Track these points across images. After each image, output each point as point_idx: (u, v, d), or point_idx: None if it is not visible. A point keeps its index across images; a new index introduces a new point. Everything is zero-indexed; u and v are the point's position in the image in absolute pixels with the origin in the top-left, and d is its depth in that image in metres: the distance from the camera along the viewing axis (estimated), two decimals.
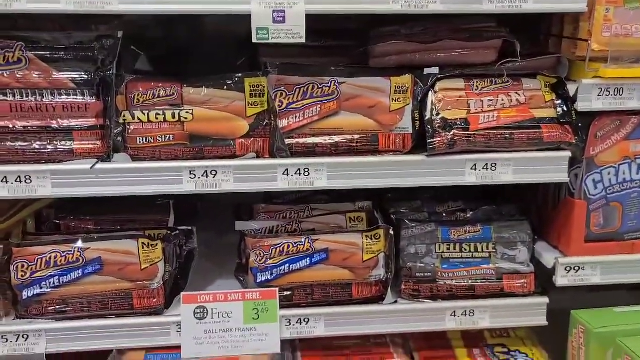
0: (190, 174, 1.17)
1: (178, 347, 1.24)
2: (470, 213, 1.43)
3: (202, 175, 1.17)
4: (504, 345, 1.42)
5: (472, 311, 1.31)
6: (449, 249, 1.33)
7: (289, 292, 1.28)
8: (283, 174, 1.18)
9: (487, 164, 1.21)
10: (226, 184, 1.17)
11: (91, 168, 1.14)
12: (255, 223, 1.38)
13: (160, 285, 1.26)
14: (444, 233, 1.33)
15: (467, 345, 1.41)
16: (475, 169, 1.21)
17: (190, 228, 1.32)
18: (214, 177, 1.17)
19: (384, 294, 1.30)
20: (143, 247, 1.23)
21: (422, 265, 1.33)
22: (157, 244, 1.24)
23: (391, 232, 1.28)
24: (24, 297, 1.21)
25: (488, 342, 1.43)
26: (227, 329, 1.25)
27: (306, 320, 1.28)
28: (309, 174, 1.18)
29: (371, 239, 1.29)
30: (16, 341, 1.21)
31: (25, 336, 1.21)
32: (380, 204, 1.46)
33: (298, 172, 1.18)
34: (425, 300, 1.31)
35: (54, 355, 1.22)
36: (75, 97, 1.16)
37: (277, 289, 1.26)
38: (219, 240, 1.59)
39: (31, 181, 1.12)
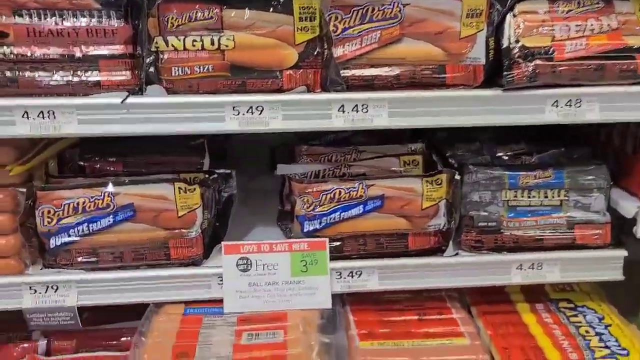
0: (234, 110, 1.03)
1: (220, 301, 1.13)
2: (537, 156, 1.29)
3: (247, 112, 1.03)
4: (569, 300, 1.30)
5: (540, 264, 1.19)
6: (516, 196, 1.20)
7: (339, 243, 1.16)
8: (338, 110, 1.03)
9: (570, 100, 1.06)
10: (274, 121, 1.03)
11: (122, 102, 1.00)
12: (299, 166, 1.25)
13: (198, 234, 1.14)
14: (511, 178, 1.19)
15: (528, 300, 1.30)
16: (557, 106, 1.06)
17: (229, 171, 1.19)
18: (260, 114, 1.03)
19: (444, 246, 1.18)
20: (180, 192, 1.11)
21: (485, 213, 1.20)
22: (194, 189, 1.12)
23: (457, 177, 1.14)
24: (51, 246, 1.10)
25: (551, 296, 1.31)
26: (273, 282, 1.14)
27: (358, 273, 1.16)
28: (367, 110, 1.04)
29: (432, 184, 1.15)
30: (45, 292, 1.11)
31: (55, 287, 1.11)
32: (433, 146, 1.33)
33: (355, 109, 1.04)
34: (489, 252, 1.19)
35: (87, 308, 1.12)
36: (100, 19, 1.01)
37: (327, 239, 1.14)
38: (253, 184, 1.47)
39: (55, 117, 0.99)
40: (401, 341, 1.13)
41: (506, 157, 1.29)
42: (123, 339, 1.20)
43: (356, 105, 1.03)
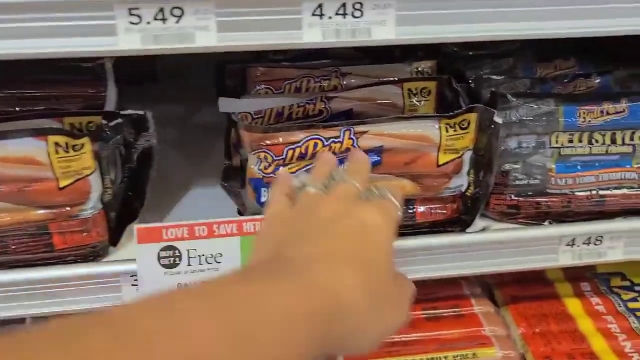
0: (131, 14, 0.59)
1: None
2: (598, 79, 0.90)
3: (157, 19, 0.59)
4: (623, 276, 0.97)
5: (599, 237, 0.84)
6: (571, 140, 0.82)
7: None
8: (314, 14, 0.61)
9: None
10: (203, 35, 0.60)
11: None
12: (252, 101, 0.83)
13: (96, 212, 0.74)
14: (567, 115, 0.80)
15: (568, 277, 0.96)
16: None
17: (141, 113, 0.76)
18: (177, 22, 0.60)
19: (466, 217, 0.81)
20: (57, 151, 0.69)
21: (525, 167, 0.82)
22: (83, 144, 0.70)
23: (496, 118, 0.75)
24: None
25: (597, 270, 0.98)
26: None
27: None
28: (361, 14, 0.61)
29: (454, 129, 0.76)
30: None
31: None
32: (445, 65, 0.92)
33: (342, 11, 0.61)
34: (527, 222, 0.83)
35: None
36: None
37: None
38: (191, 123, 1.05)
39: None
40: (405, 358, 0.79)
41: (554, 81, 0.90)
42: None
43: (343, 5, 0.61)
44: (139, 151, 0.78)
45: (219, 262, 0.75)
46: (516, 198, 0.83)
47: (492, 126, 0.75)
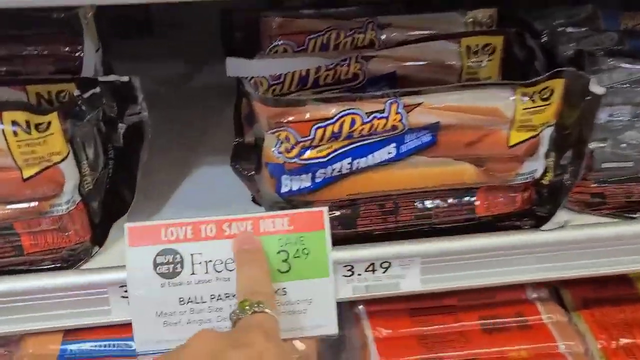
0: None
1: (125, 327, 0.60)
2: None
3: None
4: None
5: None
6: None
7: (349, 212, 0.62)
8: None
9: None
10: None
11: None
12: (268, 61, 0.65)
13: (74, 206, 0.58)
14: None
15: None
16: None
17: (126, 80, 0.59)
18: None
19: (540, 210, 0.64)
20: (16, 133, 0.52)
21: (616, 145, 0.65)
22: (50, 122, 0.53)
23: (593, 87, 0.57)
24: None
25: None
26: (225, 295, 0.60)
27: (385, 265, 0.63)
28: None
29: (533, 99, 0.58)
30: None
31: None
32: (507, 14, 0.73)
33: None
34: (615, 214, 0.66)
35: None
36: None
37: (326, 208, 0.59)
38: (191, 88, 0.88)
39: None
40: None
41: None
42: None
43: None
44: (126, 128, 0.62)
45: (231, 270, 0.59)
46: (603, 185, 0.66)
47: (586, 97, 0.57)
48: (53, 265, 0.60)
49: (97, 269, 0.60)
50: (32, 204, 0.57)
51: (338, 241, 0.60)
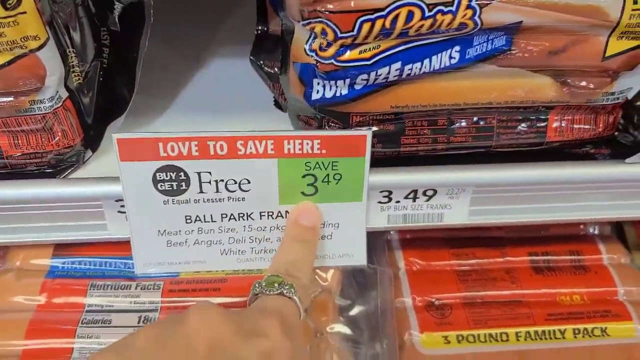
0: None
1: (123, 245, 0.52)
2: None
3: None
4: None
5: None
6: None
7: (391, 127, 0.50)
8: None
9: None
10: None
11: None
12: None
13: (60, 104, 0.48)
14: None
15: None
16: None
17: None
18: None
19: (626, 137, 0.52)
20: None
21: None
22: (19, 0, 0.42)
23: None
24: None
25: None
26: (241, 215, 0.51)
27: (429, 193, 0.53)
28: None
29: None
30: None
31: None
32: None
33: None
34: None
35: None
36: None
37: (370, 131, 0.48)
38: None
39: None
40: (498, 331, 0.55)
41: None
42: None
43: None
44: (123, 8, 0.49)
45: (246, 190, 0.50)
46: None
47: None
48: (38, 171, 0.51)
49: (88, 179, 0.51)
50: (6, 100, 0.46)
51: (376, 162, 0.50)
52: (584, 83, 0.49)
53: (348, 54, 0.45)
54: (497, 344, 0.54)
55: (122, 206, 0.51)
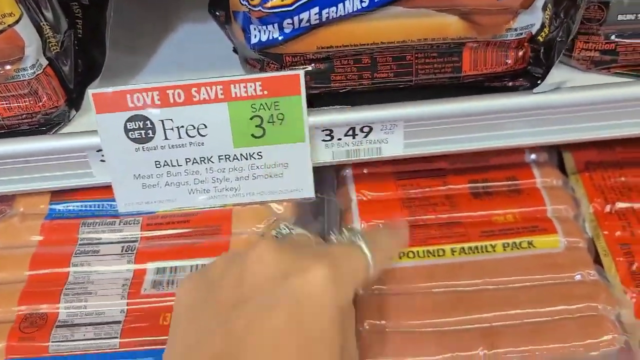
0: None
1: (108, 189, 0.62)
2: None
3: None
4: None
5: None
6: None
7: (322, 66, 0.57)
8: None
9: None
10: None
11: None
12: None
13: (41, 71, 0.56)
14: None
15: None
16: None
17: None
18: None
19: (535, 69, 0.59)
20: None
21: None
22: None
23: None
24: None
25: None
26: (201, 159, 0.60)
27: (365, 129, 0.61)
28: None
29: None
30: None
31: None
32: None
33: None
34: (626, 74, 0.60)
35: None
36: None
37: (302, 71, 0.56)
38: None
39: None
40: (436, 247, 0.63)
41: None
42: None
43: None
44: None
45: (204, 135, 0.58)
46: (615, 39, 0.59)
47: None
48: (31, 130, 0.61)
49: (72, 134, 0.60)
50: None
51: (313, 98, 0.58)
52: (487, 20, 0.55)
53: (272, 1, 0.52)
54: (434, 258, 0.63)
55: (103, 155, 0.60)
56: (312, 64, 0.57)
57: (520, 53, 0.58)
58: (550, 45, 0.57)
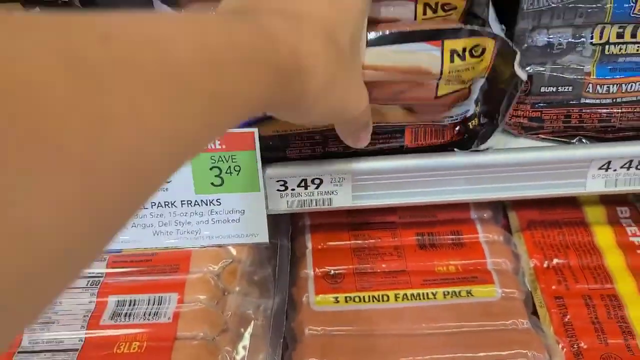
0: None
1: None
2: None
3: None
4: None
5: None
6: (621, 35, 0.62)
7: (278, 143, 0.65)
8: None
9: None
10: None
11: None
12: None
13: None
14: (618, 1, 0.60)
15: (604, 200, 0.80)
16: None
17: None
18: None
19: (469, 140, 0.65)
20: None
21: (556, 69, 0.64)
22: None
23: (518, 69, 0.56)
24: None
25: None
26: (166, 203, 0.66)
27: (316, 181, 0.67)
28: None
29: (463, 56, 0.57)
30: None
31: None
32: None
33: None
34: (552, 139, 0.67)
35: None
36: None
37: (256, 129, 0.63)
38: None
39: None
40: (380, 293, 0.68)
41: None
42: None
43: None
44: None
45: (168, 182, 0.64)
46: (540, 108, 0.66)
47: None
48: None
49: None
50: None
51: (268, 157, 0.64)
52: (427, 112, 0.62)
53: None
54: (378, 303, 0.67)
55: None
56: (270, 142, 0.64)
57: (456, 130, 0.65)
58: (477, 133, 0.63)
